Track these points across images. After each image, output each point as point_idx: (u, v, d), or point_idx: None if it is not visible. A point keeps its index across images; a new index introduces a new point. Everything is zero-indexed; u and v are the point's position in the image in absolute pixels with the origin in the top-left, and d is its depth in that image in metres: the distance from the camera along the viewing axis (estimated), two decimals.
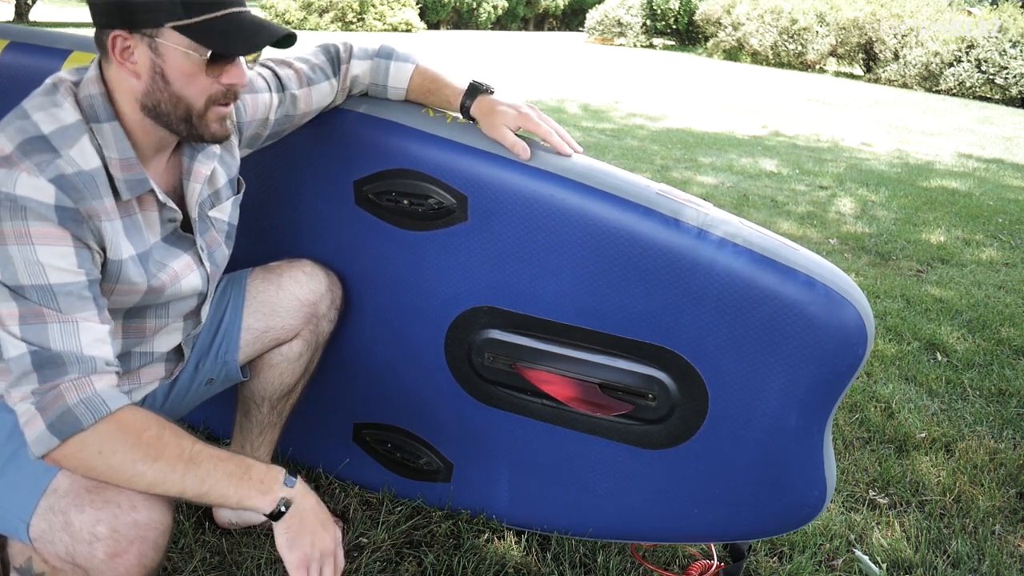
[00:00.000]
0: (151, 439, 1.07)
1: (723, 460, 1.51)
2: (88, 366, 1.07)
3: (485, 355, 1.58)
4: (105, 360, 1.09)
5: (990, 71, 14.38)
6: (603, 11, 23.14)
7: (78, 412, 1.05)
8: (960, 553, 1.84)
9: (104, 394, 1.07)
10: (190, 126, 1.15)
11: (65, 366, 1.06)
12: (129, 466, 1.05)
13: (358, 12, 22.04)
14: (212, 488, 1.09)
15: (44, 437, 1.04)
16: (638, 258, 1.42)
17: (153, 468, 1.06)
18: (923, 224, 4.94)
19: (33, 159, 1.06)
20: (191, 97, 1.13)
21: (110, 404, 1.06)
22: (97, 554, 1.04)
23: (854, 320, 1.36)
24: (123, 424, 1.06)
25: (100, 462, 1.05)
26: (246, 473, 1.11)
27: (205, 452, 1.10)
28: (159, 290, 1.25)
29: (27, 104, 1.12)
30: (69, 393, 1.05)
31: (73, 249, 1.08)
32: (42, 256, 1.05)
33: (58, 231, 1.06)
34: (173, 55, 1.09)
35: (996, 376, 2.79)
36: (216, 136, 1.18)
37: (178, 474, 1.07)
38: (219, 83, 1.14)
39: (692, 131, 8.26)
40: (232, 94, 1.16)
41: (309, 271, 1.55)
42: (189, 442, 1.10)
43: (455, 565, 1.64)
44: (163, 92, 1.12)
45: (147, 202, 1.21)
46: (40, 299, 1.05)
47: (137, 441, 1.06)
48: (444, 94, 1.52)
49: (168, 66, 1.10)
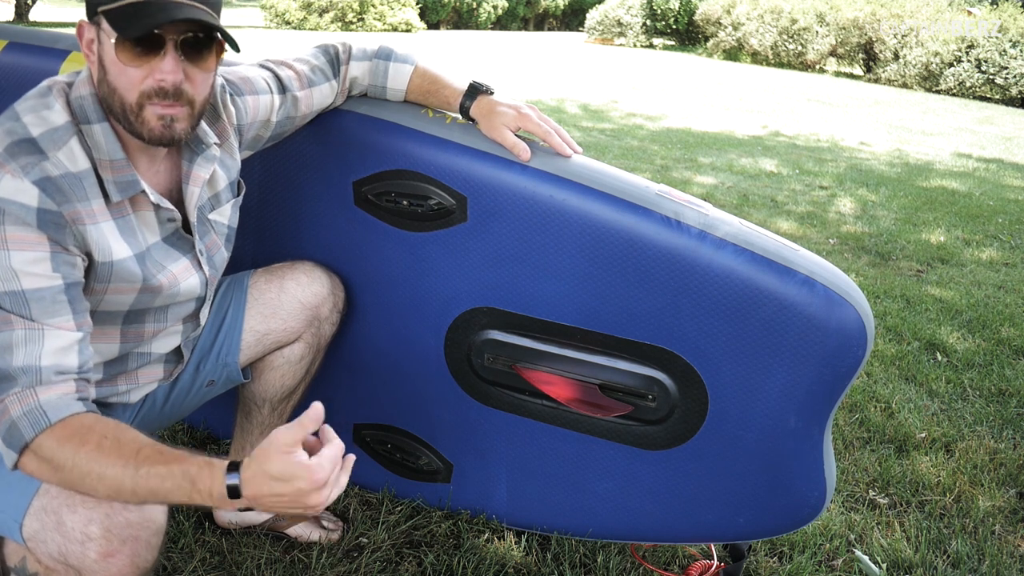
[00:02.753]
0: (91, 452, 1.01)
1: (723, 461, 1.51)
2: (33, 377, 1.04)
3: (485, 356, 1.58)
4: (57, 369, 1.06)
5: (990, 71, 14.37)
6: (603, 11, 23.14)
7: (21, 425, 1.03)
8: (960, 553, 1.84)
9: (47, 405, 1.04)
10: (128, 122, 1.12)
11: (14, 379, 1.04)
12: (83, 479, 1.02)
13: (358, 12, 22.03)
14: (168, 496, 1.02)
15: (4, 450, 1.04)
16: (638, 259, 1.43)
17: (102, 481, 1.01)
18: (923, 224, 4.94)
19: (19, 161, 1.06)
20: (122, 89, 1.10)
21: (51, 416, 1.03)
22: (90, 554, 1.04)
23: (854, 321, 1.36)
24: (63, 436, 1.03)
25: (58, 476, 1.03)
26: (192, 487, 1.01)
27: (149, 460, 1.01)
28: (157, 290, 1.24)
29: (18, 106, 1.12)
30: (13, 406, 1.03)
31: (49, 254, 1.07)
32: (15, 262, 1.04)
33: (35, 235, 1.05)
34: (106, 43, 1.09)
35: (996, 376, 2.79)
36: (155, 136, 1.11)
37: (127, 486, 1.01)
38: (152, 79, 1.09)
39: (692, 131, 8.26)
40: (165, 92, 1.09)
41: (311, 273, 1.55)
42: (132, 451, 1.01)
43: (455, 565, 1.64)
44: (104, 83, 1.11)
45: (141, 203, 1.20)
46: (12, 305, 1.05)
47: (77, 453, 1.02)
48: (443, 95, 1.53)
49: (104, 54, 1.10)
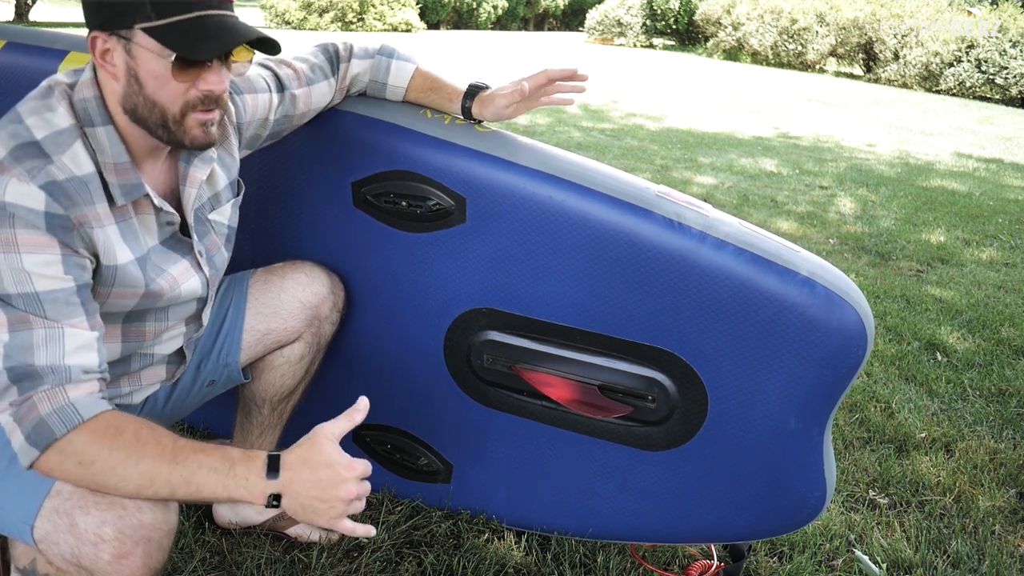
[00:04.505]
0: (128, 442, 1.04)
1: (723, 461, 1.51)
2: (63, 375, 1.05)
3: (484, 357, 1.58)
4: (83, 368, 1.07)
5: (990, 71, 14.37)
6: (603, 11, 23.13)
7: (51, 422, 1.03)
8: (960, 553, 1.84)
9: (77, 403, 1.05)
10: (168, 132, 1.12)
11: (41, 377, 1.04)
12: (111, 472, 1.03)
13: (358, 12, 22.03)
14: (201, 486, 1.05)
15: (24, 449, 1.04)
16: (637, 259, 1.42)
17: (136, 471, 1.03)
18: (923, 224, 4.94)
19: (24, 165, 1.05)
20: (165, 102, 1.10)
21: (83, 413, 1.04)
22: (103, 556, 1.04)
23: (854, 321, 1.36)
24: (97, 431, 1.04)
25: (82, 471, 1.04)
26: (231, 469, 1.06)
27: (187, 449, 1.05)
28: (157, 295, 1.24)
29: (21, 108, 1.11)
30: (42, 404, 1.04)
31: (60, 256, 1.07)
32: (27, 264, 1.04)
33: (45, 238, 1.06)
34: (144, 58, 1.08)
35: (996, 376, 2.79)
36: (197, 143, 1.14)
37: (163, 475, 1.04)
38: (196, 88, 1.10)
39: (692, 131, 8.25)
40: (211, 100, 1.12)
41: (311, 273, 1.55)
42: (170, 440, 1.06)
43: (455, 565, 1.64)
44: (138, 96, 1.10)
45: (143, 206, 1.20)
46: (27, 306, 1.05)
47: (114, 446, 1.03)
48: (445, 94, 1.53)
49: (140, 69, 1.08)
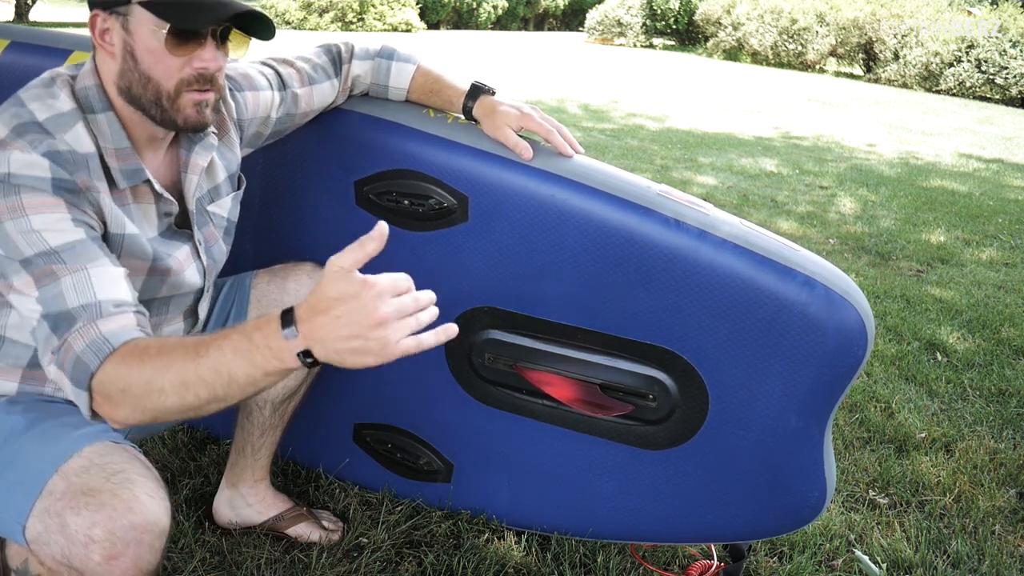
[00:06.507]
0: (153, 355, 1.01)
1: (723, 461, 1.51)
2: (94, 311, 1.05)
3: (486, 355, 1.58)
4: (114, 302, 1.06)
5: (990, 71, 14.37)
6: (603, 11, 23.14)
7: (86, 358, 1.02)
8: (960, 553, 1.84)
9: (109, 334, 1.03)
10: (162, 110, 1.15)
11: (75, 318, 1.04)
12: (149, 389, 1.00)
13: (358, 12, 22.04)
14: (232, 372, 0.98)
15: (75, 393, 1.03)
16: (639, 259, 1.43)
17: (168, 380, 0.99)
18: (923, 224, 4.94)
19: (26, 138, 1.07)
20: (159, 77, 1.13)
21: (113, 341, 1.03)
22: (93, 557, 1.02)
23: (854, 321, 1.36)
24: (126, 355, 1.02)
25: (127, 399, 1.01)
26: (250, 342, 0.98)
27: (208, 340, 1.01)
28: (166, 272, 1.24)
29: (23, 94, 1.13)
30: (77, 342, 1.03)
31: (68, 215, 1.07)
32: (36, 224, 1.05)
33: (52, 199, 1.07)
34: (140, 33, 1.11)
35: (996, 376, 2.79)
36: (190, 122, 1.16)
37: (192, 374, 0.99)
38: (190, 66, 1.13)
39: (692, 131, 8.26)
40: (205, 79, 1.15)
41: (312, 274, 1.54)
42: (192, 340, 1.02)
43: (455, 565, 1.64)
44: (133, 72, 1.13)
45: (143, 194, 1.21)
46: (47, 261, 1.05)
47: (143, 363, 1.01)
48: (446, 94, 1.53)
49: (137, 45, 1.12)
